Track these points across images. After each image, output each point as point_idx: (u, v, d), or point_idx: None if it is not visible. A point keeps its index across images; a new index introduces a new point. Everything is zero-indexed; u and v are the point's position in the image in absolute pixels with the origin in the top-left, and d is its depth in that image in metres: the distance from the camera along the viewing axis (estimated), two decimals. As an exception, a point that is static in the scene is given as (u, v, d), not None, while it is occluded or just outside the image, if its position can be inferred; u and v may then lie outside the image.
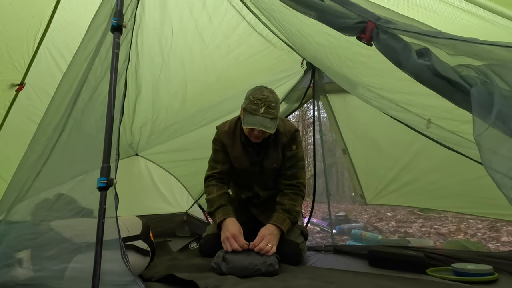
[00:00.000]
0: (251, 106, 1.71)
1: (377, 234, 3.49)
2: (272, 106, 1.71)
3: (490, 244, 3.41)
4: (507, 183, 0.81)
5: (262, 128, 1.68)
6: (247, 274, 1.49)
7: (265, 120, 1.69)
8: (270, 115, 1.70)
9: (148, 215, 2.42)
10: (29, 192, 1.31)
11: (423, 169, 2.51)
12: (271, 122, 1.71)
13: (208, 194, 1.95)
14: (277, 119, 1.75)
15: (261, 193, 2.01)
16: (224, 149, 2.00)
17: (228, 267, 1.53)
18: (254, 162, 1.95)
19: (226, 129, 1.99)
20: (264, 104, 1.69)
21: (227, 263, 1.55)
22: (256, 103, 1.70)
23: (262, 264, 1.53)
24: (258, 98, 1.71)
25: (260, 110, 1.69)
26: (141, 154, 2.87)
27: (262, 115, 1.69)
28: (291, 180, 1.93)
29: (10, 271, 1.14)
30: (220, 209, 1.85)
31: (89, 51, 1.41)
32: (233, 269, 1.52)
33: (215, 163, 2.02)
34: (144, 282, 1.18)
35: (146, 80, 2.22)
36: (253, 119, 1.70)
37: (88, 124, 1.34)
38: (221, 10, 2.00)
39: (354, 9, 1.05)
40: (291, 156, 1.94)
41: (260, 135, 1.79)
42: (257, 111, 1.69)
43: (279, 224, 1.76)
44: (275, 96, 1.77)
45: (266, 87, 1.81)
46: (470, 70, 0.92)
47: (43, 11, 1.68)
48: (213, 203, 1.89)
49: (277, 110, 1.76)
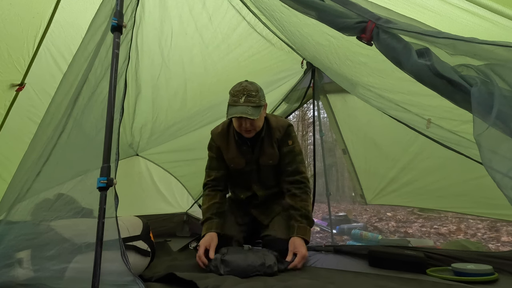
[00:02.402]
0: (232, 98, 1.78)
1: (377, 234, 3.50)
2: (252, 95, 1.76)
3: (490, 244, 3.41)
4: (507, 183, 0.81)
5: (243, 115, 1.70)
6: (246, 276, 1.49)
7: (247, 108, 1.73)
8: (251, 103, 1.74)
9: (148, 215, 2.43)
10: (29, 192, 1.31)
11: (423, 169, 2.51)
12: (253, 109, 1.74)
13: (203, 204, 2.00)
14: (260, 107, 1.78)
15: (259, 193, 2.00)
16: (218, 155, 2.01)
17: (226, 270, 1.52)
18: (250, 160, 1.96)
19: (219, 131, 2.01)
20: (243, 94, 1.75)
21: (226, 266, 1.54)
22: (236, 95, 1.77)
23: (261, 266, 1.53)
24: (237, 90, 1.78)
25: (241, 100, 1.75)
26: (141, 154, 2.87)
27: (243, 104, 1.74)
28: (294, 175, 1.92)
29: (10, 271, 1.14)
30: (205, 223, 1.89)
31: (89, 51, 1.41)
32: (231, 271, 1.51)
33: (210, 170, 2.05)
34: (144, 282, 1.18)
35: (146, 81, 2.22)
36: (235, 109, 1.74)
37: (88, 124, 1.34)
38: (221, 10, 2.00)
39: (354, 9, 1.05)
40: (288, 151, 1.94)
41: (249, 127, 1.81)
42: (237, 102, 1.75)
43: (304, 236, 1.77)
44: (254, 86, 1.82)
45: (246, 80, 1.86)
46: (470, 70, 0.92)
47: (43, 11, 1.68)
48: (202, 215, 1.94)
49: (259, 99, 1.78)
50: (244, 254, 1.62)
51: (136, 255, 1.48)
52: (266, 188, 2.02)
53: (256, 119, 1.76)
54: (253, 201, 2.05)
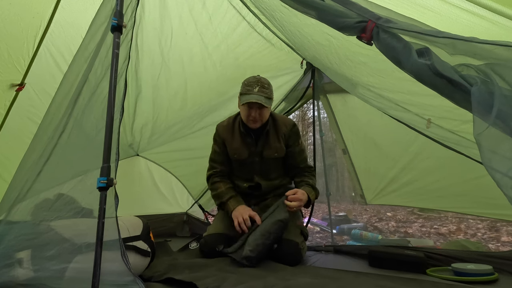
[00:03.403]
0: (245, 88, 1.89)
1: (377, 234, 3.49)
2: (265, 86, 1.88)
3: (490, 244, 3.41)
4: (507, 183, 0.81)
5: (259, 101, 1.81)
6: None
7: (260, 97, 1.83)
8: (264, 94, 1.85)
9: (148, 215, 2.42)
10: (30, 192, 1.31)
11: (423, 169, 2.51)
12: (266, 100, 1.85)
13: (215, 190, 2.03)
14: (271, 100, 1.92)
15: (262, 183, 2.03)
16: (222, 148, 2.06)
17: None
18: (253, 152, 2.01)
19: (225, 124, 2.09)
20: (258, 84, 1.86)
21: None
22: (250, 84, 1.88)
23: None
24: (252, 81, 1.89)
25: (255, 89, 1.85)
26: (142, 154, 2.87)
27: (257, 93, 1.84)
28: (305, 171, 2.07)
29: (10, 271, 1.14)
30: (232, 199, 1.95)
31: (90, 52, 1.41)
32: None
33: (214, 163, 2.10)
34: (144, 282, 1.18)
35: (146, 80, 2.22)
36: (249, 96, 1.84)
37: (88, 124, 1.34)
38: (221, 10, 2.00)
39: (354, 9, 1.05)
40: (300, 150, 2.06)
41: (257, 117, 1.90)
42: (251, 91, 1.85)
43: (307, 192, 1.89)
44: (267, 80, 1.93)
45: (258, 75, 1.97)
46: (470, 69, 0.92)
47: (43, 11, 1.68)
48: (223, 195, 1.98)
49: (271, 91, 1.92)
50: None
51: (136, 255, 1.48)
52: (268, 179, 2.05)
53: (265, 110, 1.88)
54: (255, 193, 2.06)
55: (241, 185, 2.08)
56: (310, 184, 1.97)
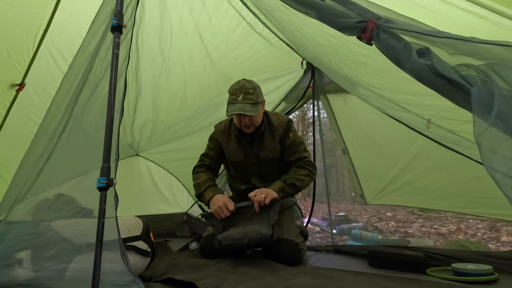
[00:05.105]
0: (230, 97, 1.87)
1: (377, 234, 3.49)
2: (249, 92, 1.84)
3: (490, 244, 3.41)
4: (507, 183, 0.81)
5: (242, 112, 1.78)
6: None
7: (245, 105, 1.81)
8: (249, 101, 1.82)
9: (148, 215, 2.42)
10: (30, 192, 1.31)
11: (423, 169, 2.51)
12: (251, 106, 1.82)
13: (196, 179, 2.03)
14: (258, 104, 1.86)
15: (259, 185, 2.01)
16: (216, 149, 2.08)
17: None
18: (249, 154, 2.01)
19: (222, 127, 2.08)
20: (241, 92, 1.84)
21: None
22: (234, 93, 1.85)
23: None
24: (235, 88, 1.86)
25: (239, 98, 1.83)
26: (142, 154, 2.87)
27: (241, 102, 1.82)
28: (297, 163, 2.00)
29: (10, 271, 1.14)
30: (209, 188, 1.94)
31: (90, 52, 1.42)
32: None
33: (205, 157, 2.11)
34: (144, 282, 1.18)
35: (146, 80, 2.22)
36: (233, 107, 1.82)
37: (88, 124, 1.34)
38: (221, 10, 2.00)
39: (354, 9, 1.05)
40: (290, 143, 2.00)
41: (248, 123, 1.88)
42: (236, 100, 1.83)
43: (272, 187, 1.87)
44: (252, 83, 1.90)
45: (244, 78, 1.94)
46: (471, 69, 0.92)
47: (43, 11, 1.68)
48: (201, 185, 1.98)
49: (256, 96, 1.86)
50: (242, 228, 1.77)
51: (136, 255, 1.48)
52: (265, 181, 2.03)
53: (255, 115, 1.84)
54: None
55: (239, 187, 2.08)
56: (283, 180, 1.92)
